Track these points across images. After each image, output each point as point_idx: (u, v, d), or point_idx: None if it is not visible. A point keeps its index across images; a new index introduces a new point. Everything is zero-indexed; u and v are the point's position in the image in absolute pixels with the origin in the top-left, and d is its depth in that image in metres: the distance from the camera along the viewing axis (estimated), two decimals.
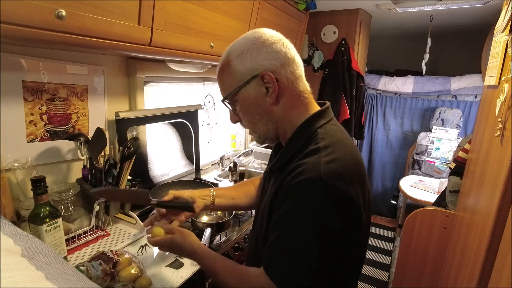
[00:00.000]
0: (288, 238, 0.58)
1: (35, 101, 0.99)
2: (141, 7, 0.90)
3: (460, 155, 1.34)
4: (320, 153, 0.58)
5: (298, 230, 0.57)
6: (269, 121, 0.68)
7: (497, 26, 0.98)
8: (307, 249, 0.56)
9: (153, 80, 1.47)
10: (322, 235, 0.56)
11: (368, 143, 3.29)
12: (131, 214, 1.17)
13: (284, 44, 0.64)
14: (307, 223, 0.56)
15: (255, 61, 0.63)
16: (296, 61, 0.66)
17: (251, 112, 0.68)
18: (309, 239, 0.56)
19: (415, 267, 1.47)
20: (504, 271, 0.63)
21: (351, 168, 0.59)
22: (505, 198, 0.70)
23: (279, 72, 0.63)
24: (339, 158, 0.58)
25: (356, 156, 0.62)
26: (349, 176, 0.57)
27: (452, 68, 3.21)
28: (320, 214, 0.55)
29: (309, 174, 0.56)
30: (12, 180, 0.96)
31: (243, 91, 0.65)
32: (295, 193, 0.58)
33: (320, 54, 2.46)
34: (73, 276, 0.41)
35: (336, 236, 0.57)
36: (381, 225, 3.16)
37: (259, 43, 0.63)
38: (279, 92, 0.64)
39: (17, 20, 0.64)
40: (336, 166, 0.56)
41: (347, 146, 0.62)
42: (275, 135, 0.71)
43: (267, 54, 0.62)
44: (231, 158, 1.99)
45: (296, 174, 0.58)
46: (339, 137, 0.64)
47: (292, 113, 0.67)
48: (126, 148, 1.08)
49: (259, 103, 0.66)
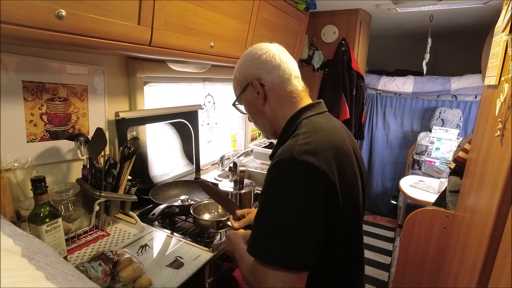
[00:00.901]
0: (262, 214, 0.62)
1: (35, 101, 0.99)
2: (141, 7, 0.90)
3: (460, 155, 1.35)
4: (298, 138, 0.64)
5: (271, 205, 0.61)
6: (264, 119, 0.79)
7: (497, 26, 0.98)
8: (280, 222, 0.59)
9: (153, 80, 1.47)
10: (295, 206, 0.58)
11: (368, 143, 3.29)
12: (131, 214, 1.17)
13: (270, 54, 0.75)
14: (279, 198, 0.60)
15: (247, 71, 0.77)
16: (282, 67, 0.75)
17: (251, 112, 0.82)
18: (281, 212, 0.59)
19: (415, 267, 1.47)
20: (504, 271, 0.63)
21: (325, 150, 0.62)
22: (505, 198, 0.70)
23: (265, 78, 0.74)
24: (314, 141, 0.62)
25: (336, 142, 0.66)
26: (322, 156, 0.60)
27: (452, 68, 3.21)
28: (291, 188, 0.59)
29: (284, 155, 0.61)
30: (12, 180, 0.96)
31: (243, 96, 0.80)
32: (269, 173, 0.63)
33: (320, 54, 2.46)
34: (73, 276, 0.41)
35: (309, 207, 0.58)
36: (381, 225, 3.16)
37: (250, 57, 0.77)
38: (266, 94, 0.75)
39: (17, 20, 0.64)
40: (309, 147, 0.61)
41: (328, 133, 0.67)
42: (272, 130, 0.81)
43: (256, 65, 0.75)
44: (231, 158, 1.99)
45: (274, 157, 0.64)
46: (322, 126, 0.69)
47: (281, 110, 0.76)
48: (126, 148, 1.08)
49: (254, 104, 0.79)
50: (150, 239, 1.09)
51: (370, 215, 3.37)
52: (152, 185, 1.40)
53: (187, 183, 1.52)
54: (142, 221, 1.17)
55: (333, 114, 2.84)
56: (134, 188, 1.15)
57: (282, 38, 1.88)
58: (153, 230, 1.16)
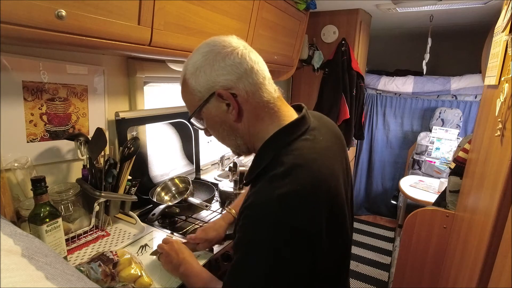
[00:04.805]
0: (239, 274, 0.56)
1: (35, 101, 0.99)
2: (141, 7, 0.90)
3: (460, 155, 1.34)
4: (274, 184, 0.53)
5: (248, 266, 0.55)
6: (237, 136, 0.64)
7: (497, 26, 0.98)
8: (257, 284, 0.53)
9: (153, 80, 1.47)
10: (273, 268, 0.52)
11: (368, 143, 3.29)
12: (131, 214, 1.17)
13: (238, 54, 0.59)
14: (256, 260, 0.53)
15: (209, 78, 0.59)
16: (255, 70, 0.60)
17: (217, 129, 0.65)
18: (259, 275, 0.53)
19: (415, 267, 1.47)
20: (504, 271, 0.63)
21: (307, 200, 0.53)
22: (505, 198, 0.70)
23: (237, 87, 0.59)
24: (295, 189, 0.52)
25: (323, 179, 0.55)
26: (305, 210, 0.52)
27: (452, 68, 3.21)
28: (271, 252, 0.52)
29: (259, 209, 0.53)
30: (12, 180, 0.96)
31: (205, 109, 0.62)
32: (245, 226, 0.55)
33: (320, 54, 2.46)
34: (73, 276, 0.41)
35: (289, 269, 0.53)
36: (381, 225, 3.16)
37: (211, 58, 0.59)
38: (239, 108, 0.60)
39: (17, 20, 0.64)
40: (289, 201, 0.51)
41: (312, 168, 0.55)
42: (246, 148, 0.67)
43: (221, 69, 0.58)
44: (231, 158, 1.99)
45: (249, 204, 0.55)
46: (305, 158, 0.56)
47: (258, 126, 0.62)
48: (126, 148, 1.08)
49: (223, 119, 0.62)
50: (150, 239, 1.09)
51: (370, 215, 3.37)
52: (152, 185, 1.40)
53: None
54: (142, 221, 1.17)
55: (333, 114, 2.82)
56: (134, 188, 1.15)
57: (282, 38, 1.88)
58: (153, 230, 1.16)
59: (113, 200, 1.10)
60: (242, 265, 0.56)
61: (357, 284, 2.26)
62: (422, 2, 2.04)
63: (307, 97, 2.60)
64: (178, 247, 0.87)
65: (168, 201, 1.35)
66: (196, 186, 1.50)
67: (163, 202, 1.32)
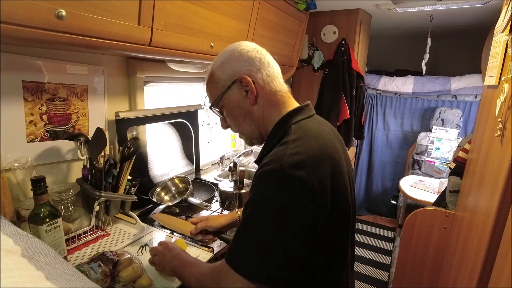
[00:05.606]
0: (246, 226, 0.61)
1: (35, 101, 0.99)
2: (141, 7, 0.90)
3: (460, 155, 1.34)
4: (287, 146, 0.61)
5: (255, 218, 0.59)
6: (251, 122, 0.74)
7: (497, 26, 0.98)
8: (264, 237, 0.58)
9: (153, 80, 1.47)
10: (279, 222, 0.57)
11: (368, 143, 3.29)
12: (131, 214, 1.17)
13: (258, 51, 0.73)
14: (264, 211, 0.58)
15: (233, 68, 0.71)
16: (271, 65, 0.73)
17: (235, 115, 0.75)
18: (265, 226, 0.58)
19: (415, 267, 1.47)
20: (504, 271, 0.63)
21: (316, 161, 0.60)
22: (505, 198, 0.70)
23: (255, 75, 0.71)
24: (304, 151, 0.60)
25: (327, 150, 0.64)
26: (313, 169, 0.59)
27: (452, 68, 3.21)
28: (278, 203, 0.57)
29: (272, 165, 0.59)
30: (12, 180, 0.96)
31: (226, 96, 0.73)
32: (256, 183, 0.61)
33: (320, 54, 2.46)
34: (73, 276, 0.41)
35: (294, 222, 0.58)
36: (381, 225, 3.16)
37: (236, 53, 0.72)
38: (257, 93, 0.71)
39: (17, 20, 0.64)
40: (299, 158, 0.58)
41: (319, 140, 0.64)
42: (258, 134, 0.76)
43: (244, 61, 0.71)
44: (231, 158, 1.99)
45: (262, 165, 0.62)
46: (313, 132, 0.66)
47: (270, 111, 0.73)
48: (126, 148, 1.08)
49: (241, 105, 0.73)
50: (150, 239, 1.09)
51: (370, 215, 3.38)
52: (152, 185, 1.40)
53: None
54: (142, 221, 1.17)
55: (333, 114, 2.83)
56: (134, 188, 1.15)
57: (282, 38, 1.88)
58: (153, 230, 1.16)
59: (113, 200, 1.10)
60: (252, 216, 0.60)
61: (357, 284, 2.26)
62: (422, 2, 2.04)
63: (307, 97, 2.59)
64: (171, 245, 0.88)
65: (168, 201, 1.35)
66: (196, 186, 1.50)
67: (163, 202, 1.32)
